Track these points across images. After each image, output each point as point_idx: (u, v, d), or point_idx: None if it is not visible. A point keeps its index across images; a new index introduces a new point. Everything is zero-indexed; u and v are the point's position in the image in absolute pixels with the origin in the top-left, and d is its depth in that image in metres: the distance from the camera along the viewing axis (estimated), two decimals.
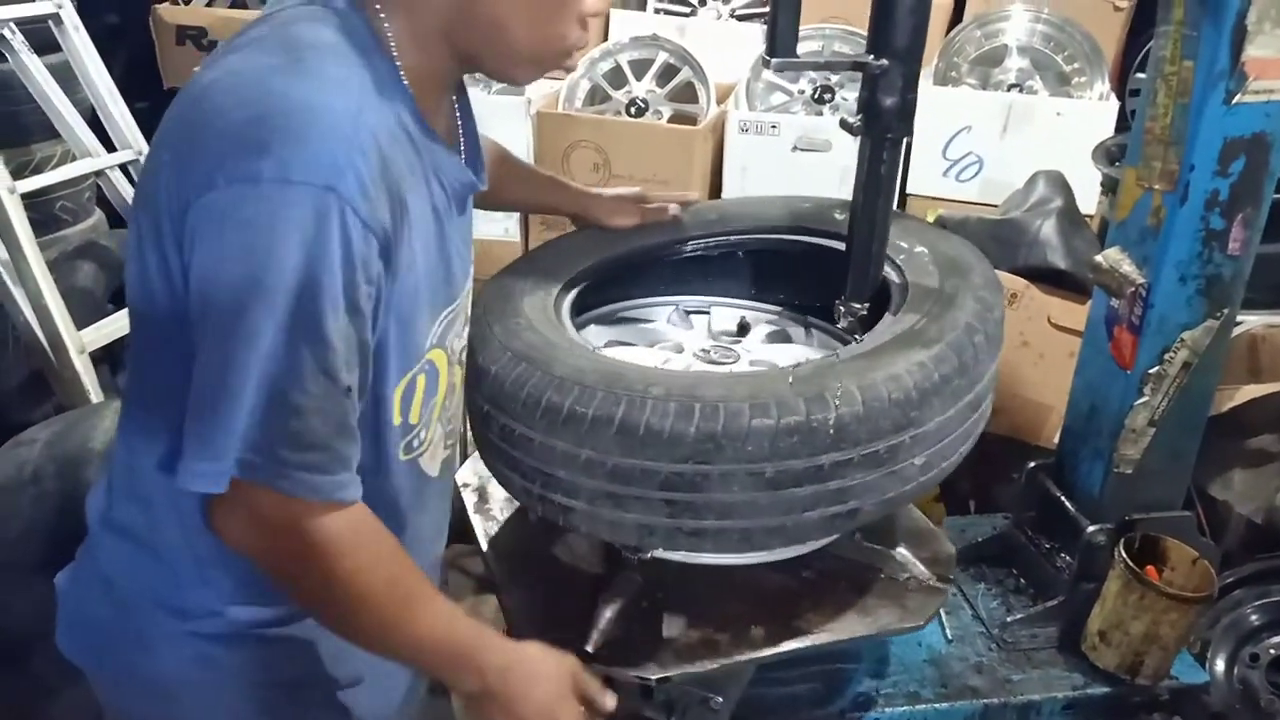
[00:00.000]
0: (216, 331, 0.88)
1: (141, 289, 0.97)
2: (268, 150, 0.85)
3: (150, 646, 1.07)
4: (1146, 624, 1.54)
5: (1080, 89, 2.88)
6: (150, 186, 0.94)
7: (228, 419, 0.87)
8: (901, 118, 1.38)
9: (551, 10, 1.01)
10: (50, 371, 2.32)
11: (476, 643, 1.05)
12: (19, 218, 2.24)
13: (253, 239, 0.85)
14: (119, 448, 1.10)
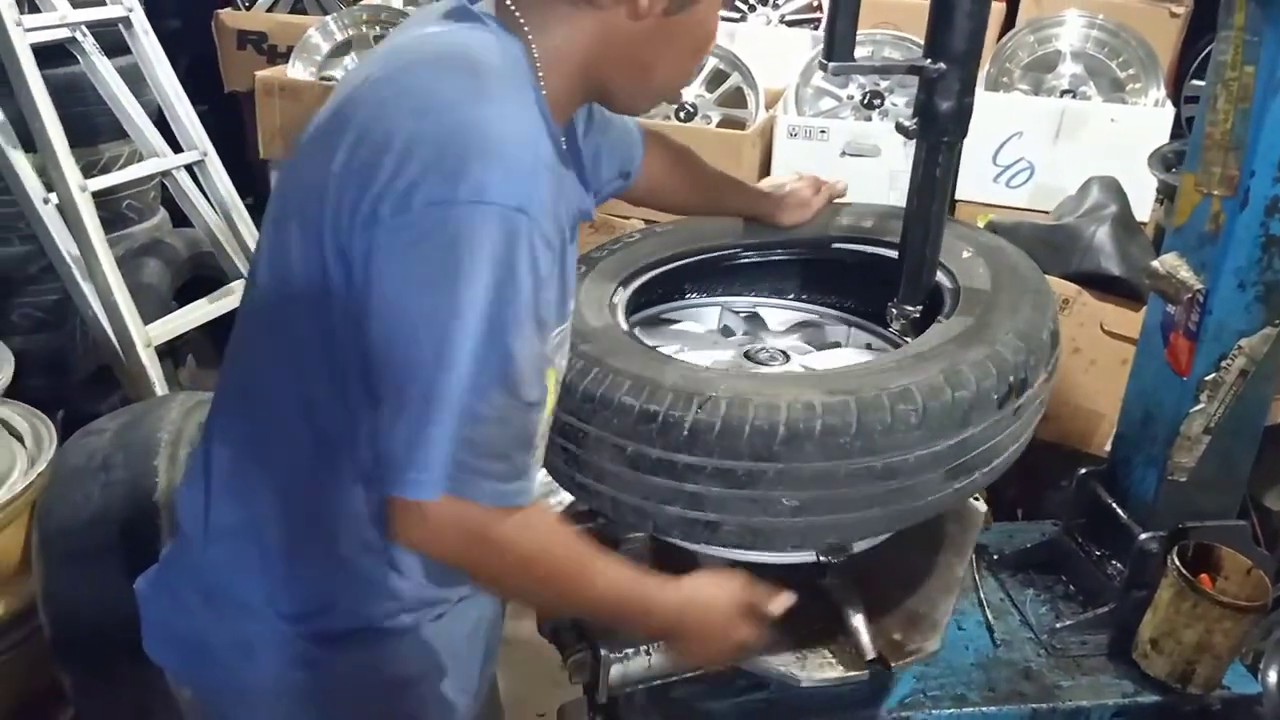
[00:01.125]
0: (413, 346, 0.90)
1: (272, 279, 1.00)
2: (465, 173, 0.88)
3: (252, 652, 1.09)
4: (1199, 633, 1.53)
5: (1135, 95, 2.85)
6: (313, 183, 0.96)
7: (436, 432, 0.89)
8: (957, 121, 1.39)
9: (691, 52, 1.08)
10: (117, 365, 2.40)
11: (646, 592, 1.09)
12: (90, 215, 2.32)
13: (449, 258, 0.88)
14: (217, 448, 1.11)
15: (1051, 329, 1.36)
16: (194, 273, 2.76)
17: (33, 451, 2.03)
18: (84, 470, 1.81)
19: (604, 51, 1.03)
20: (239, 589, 1.09)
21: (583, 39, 1.02)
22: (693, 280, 1.71)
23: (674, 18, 1.02)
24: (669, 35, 1.04)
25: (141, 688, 1.74)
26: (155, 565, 1.21)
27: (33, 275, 2.61)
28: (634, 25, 1.01)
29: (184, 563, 1.14)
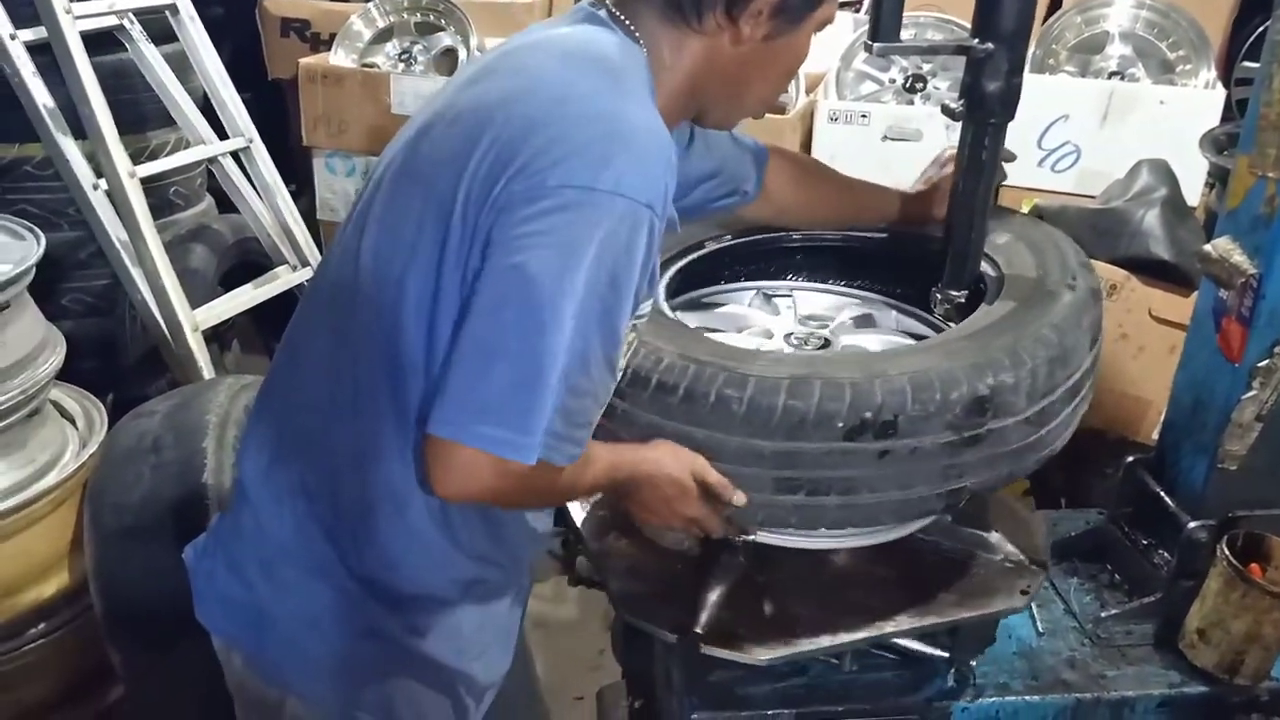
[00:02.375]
0: (522, 314, 0.94)
1: (376, 257, 1.04)
2: (608, 164, 0.94)
3: (317, 622, 1.13)
4: (1248, 623, 1.50)
5: (1185, 77, 2.79)
6: (439, 169, 1.00)
7: (544, 400, 0.95)
8: (1005, 103, 1.37)
9: (785, 75, 1.16)
10: (165, 349, 2.44)
11: (611, 462, 1.15)
12: (139, 201, 2.36)
13: (577, 238, 0.93)
14: (285, 413, 1.15)
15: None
16: (239, 259, 2.80)
17: (84, 433, 2.07)
18: (134, 451, 1.85)
19: (705, 71, 1.09)
20: (308, 553, 1.12)
21: (688, 58, 1.08)
22: (731, 264, 1.71)
23: (772, 43, 1.08)
24: (766, 59, 1.10)
25: (191, 666, 1.77)
26: (205, 535, 1.24)
27: (83, 260, 2.65)
28: (734, 49, 1.08)
29: (244, 532, 1.17)
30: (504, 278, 0.94)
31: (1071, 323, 1.32)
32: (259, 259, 2.80)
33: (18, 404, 1.86)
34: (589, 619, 2.59)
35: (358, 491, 1.09)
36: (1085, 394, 1.38)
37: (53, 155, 2.43)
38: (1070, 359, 1.30)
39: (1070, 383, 1.30)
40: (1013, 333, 1.28)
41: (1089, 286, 1.41)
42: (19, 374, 1.86)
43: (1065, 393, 1.30)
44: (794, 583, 1.43)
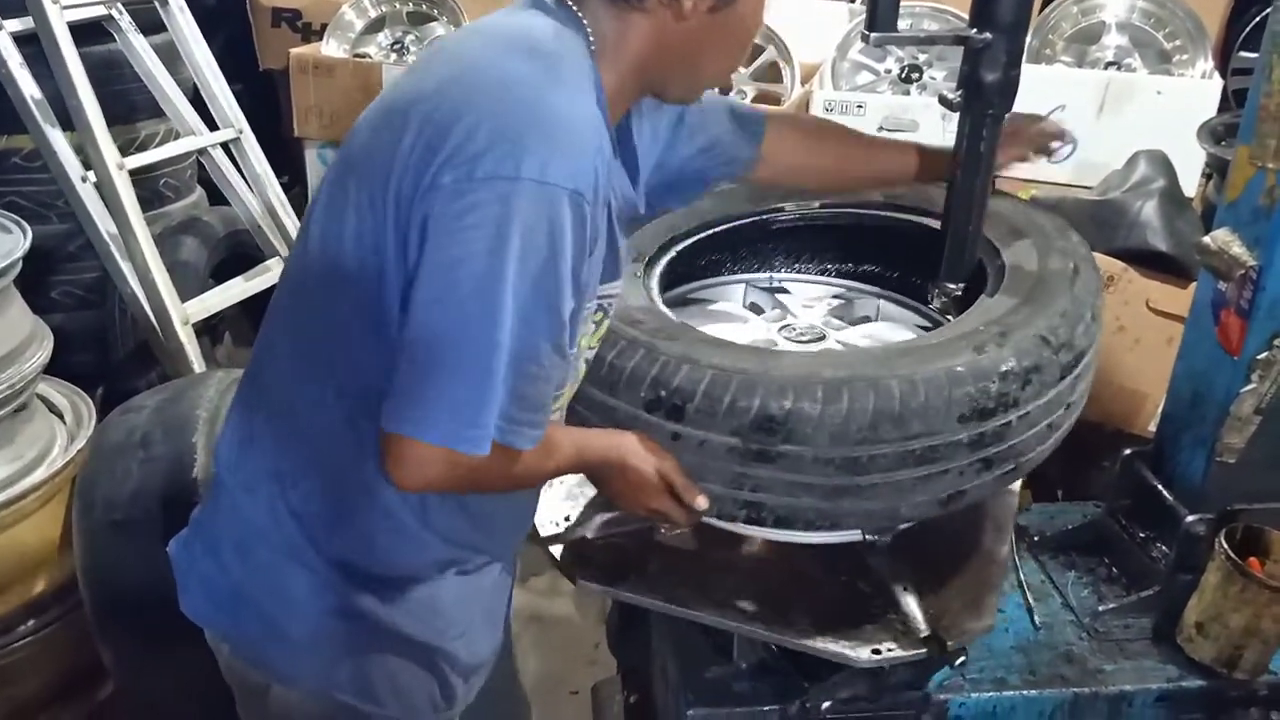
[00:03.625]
0: (462, 310, 0.95)
1: (324, 246, 1.05)
2: (533, 152, 0.94)
3: (293, 601, 1.13)
4: (1247, 617, 1.50)
5: (1182, 67, 2.79)
6: (373, 156, 1.01)
7: (492, 391, 0.96)
8: (1003, 94, 1.36)
9: (738, 46, 1.15)
10: (155, 342, 2.42)
11: (578, 447, 1.17)
12: (128, 193, 2.33)
13: (504, 229, 0.93)
14: (258, 399, 1.16)
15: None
16: (230, 251, 2.77)
17: (72, 428, 2.05)
18: (124, 446, 1.83)
19: (654, 50, 1.08)
20: (280, 535, 1.12)
21: (635, 39, 1.07)
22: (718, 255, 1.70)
23: (718, 14, 1.07)
24: (715, 31, 1.09)
25: (182, 661, 1.76)
26: (186, 528, 1.24)
27: (72, 253, 2.63)
28: (681, 25, 1.07)
29: (220, 517, 1.18)
30: (439, 273, 0.96)
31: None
32: (250, 251, 2.78)
33: (5, 399, 1.84)
34: (585, 614, 2.58)
35: (331, 479, 1.10)
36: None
37: (40, 147, 2.40)
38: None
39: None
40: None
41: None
42: (6, 368, 1.84)
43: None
44: (687, 548, 1.46)
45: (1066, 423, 1.36)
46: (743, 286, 1.71)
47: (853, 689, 1.42)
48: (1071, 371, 1.30)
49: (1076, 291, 1.36)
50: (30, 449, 1.94)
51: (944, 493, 1.25)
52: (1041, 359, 1.25)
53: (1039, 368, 1.25)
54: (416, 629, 1.16)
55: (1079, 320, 1.32)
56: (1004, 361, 1.22)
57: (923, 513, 1.29)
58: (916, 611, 1.35)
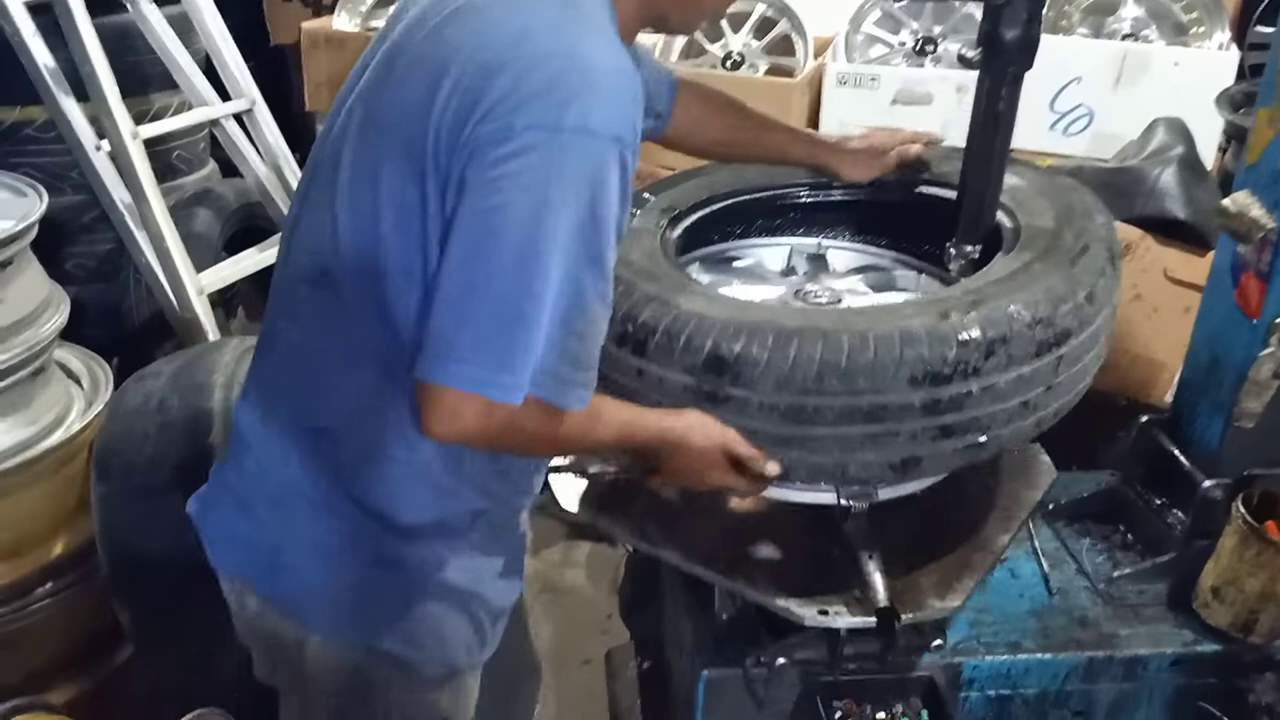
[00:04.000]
0: (500, 255, 0.95)
1: (354, 205, 1.04)
2: (571, 102, 0.94)
3: (330, 552, 1.14)
4: (1263, 581, 1.49)
5: (1198, 39, 2.76)
6: (405, 114, 1.01)
7: (528, 341, 0.96)
8: (1023, 51, 1.36)
9: None
10: (170, 313, 2.43)
11: (627, 422, 1.17)
12: (142, 163, 2.34)
13: (546, 180, 0.94)
14: (287, 355, 1.16)
15: None
16: (244, 223, 2.77)
17: (89, 393, 2.06)
18: (140, 411, 1.83)
19: None
20: (315, 489, 1.12)
21: None
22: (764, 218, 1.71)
23: None
24: None
25: (200, 624, 1.77)
26: (207, 484, 1.24)
27: (86, 225, 2.63)
28: None
29: (249, 476, 1.18)
30: (479, 221, 0.96)
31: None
32: (263, 223, 2.78)
33: (22, 362, 1.85)
34: (597, 583, 2.60)
35: (366, 436, 1.10)
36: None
37: (55, 116, 2.41)
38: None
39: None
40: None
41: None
42: (23, 331, 1.85)
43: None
44: (682, 497, 1.47)
45: (1051, 405, 1.32)
46: (788, 249, 1.71)
47: (812, 651, 1.41)
48: (1051, 350, 1.26)
49: (1075, 270, 1.31)
50: (48, 413, 1.95)
51: (897, 456, 1.25)
52: (1011, 332, 1.22)
53: (1006, 340, 1.22)
54: (452, 575, 1.18)
55: (1065, 299, 1.27)
56: (967, 329, 1.20)
57: (875, 475, 1.29)
58: (878, 581, 1.34)
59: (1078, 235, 1.39)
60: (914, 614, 1.33)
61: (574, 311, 0.98)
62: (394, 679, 1.19)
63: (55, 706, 1.64)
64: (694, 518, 1.46)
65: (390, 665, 1.18)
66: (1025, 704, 1.55)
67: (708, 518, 1.48)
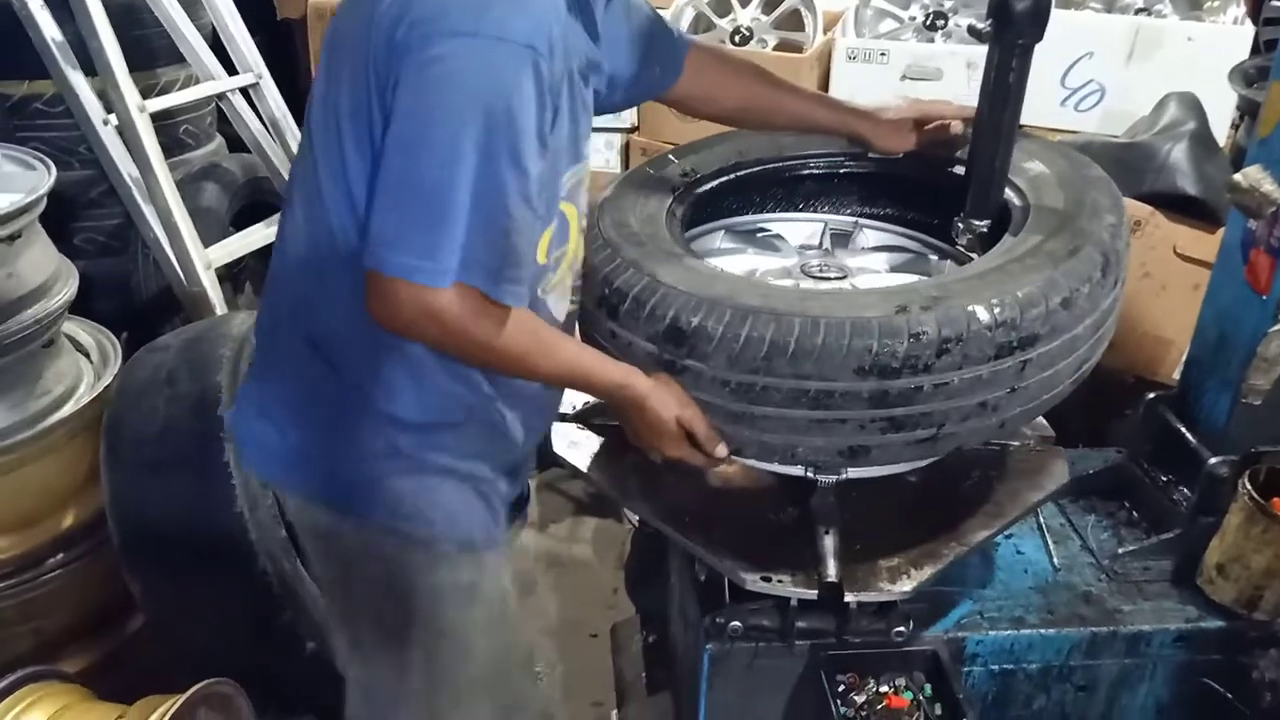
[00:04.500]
0: (426, 150, 1.04)
1: (324, 115, 1.14)
2: (489, 9, 1.03)
3: (346, 453, 1.24)
4: (1269, 558, 1.50)
5: (1212, 14, 2.73)
6: (353, 29, 1.10)
7: (449, 226, 1.04)
8: (1034, 22, 1.34)
9: None
10: (178, 287, 2.43)
11: (587, 370, 1.25)
12: (149, 137, 2.33)
13: (466, 81, 1.03)
14: (290, 283, 1.25)
15: None
16: (250, 198, 2.77)
17: (98, 366, 2.08)
18: (150, 384, 1.85)
19: None
20: (324, 392, 1.23)
21: None
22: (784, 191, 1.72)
23: None
24: None
25: (210, 594, 1.79)
26: (236, 401, 1.36)
27: (93, 199, 2.64)
28: None
29: (268, 385, 1.30)
30: (406, 121, 1.05)
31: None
32: (270, 198, 2.78)
33: (32, 334, 1.86)
34: (603, 558, 2.61)
35: (360, 337, 1.18)
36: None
37: (62, 90, 2.41)
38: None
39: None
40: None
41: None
42: (33, 304, 1.86)
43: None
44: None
45: (1013, 408, 1.29)
46: (822, 225, 1.70)
47: (763, 619, 1.42)
48: (1014, 354, 1.24)
49: (1055, 274, 1.26)
50: (58, 385, 1.97)
51: (844, 443, 1.26)
52: (969, 332, 1.20)
53: (962, 339, 1.20)
54: (454, 461, 1.27)
55: (1035, 304, 1.23)
56: (921, 325, 1.19)
57: (823, 459, 1.30)
58: (830, 556, 1.34)
59: (1074, 236, 1.34)
60: (860, 593, 1.33)
61: (496, 207, 1.05)
62: (417, 556, 1.29)
63: (68, 675, 1.66)
64: (677, 478, 1.47)
65: (411, 543, 1.28)
66: (1028, 679, 1.56)
67: (690, 480, 1.49)
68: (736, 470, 1.51)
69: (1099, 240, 1.33)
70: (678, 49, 1.49)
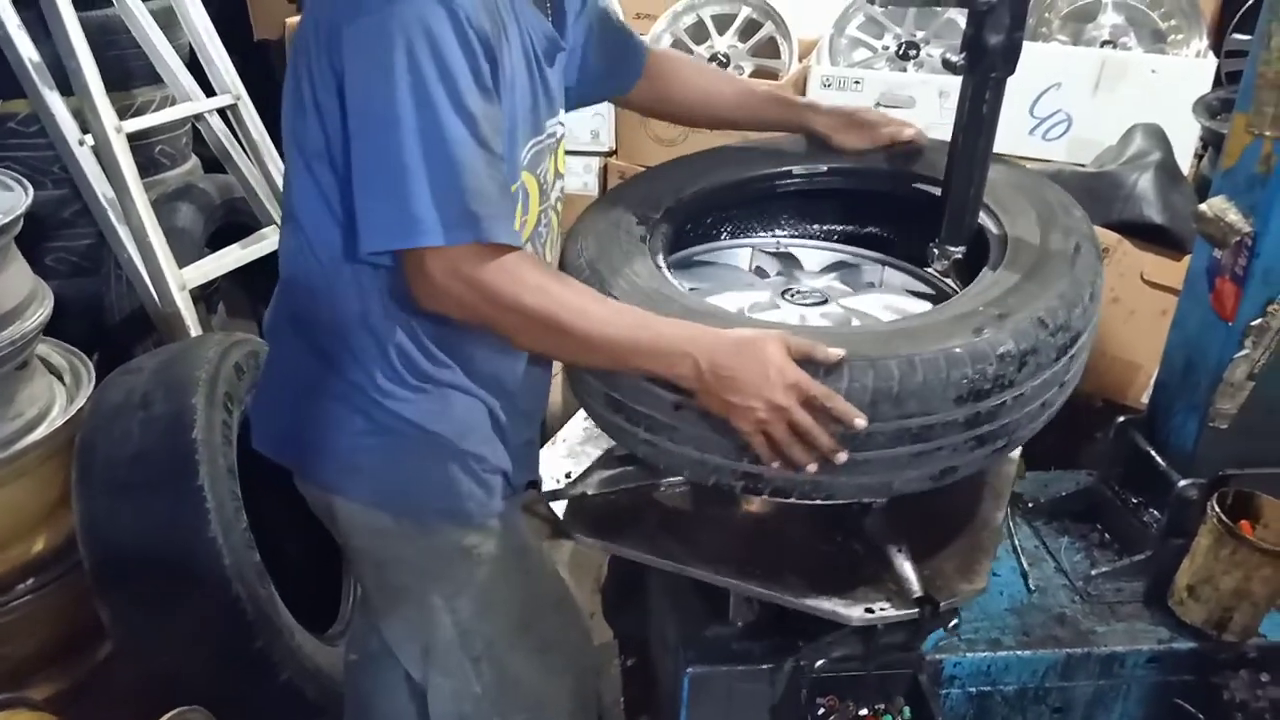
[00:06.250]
0: (373, 125, 1.09)
1: (296, 112, 1.19)
2: None
3: (330, 429, 1.28)
4: (1238, 579, 1.52)
5: (1176, 47, 2.80)
6: (304, 21, 1.16)
7: (412, 188, 1.07)
8: (1006, 57, 1.36)
9: None
10: (152, 308, 2.41)
11: (650, 321, 1.17)
12: (125, 157, 2.32)
13: (390, 46, 1.06)
14: (288, 263, 1.30)
15: None
16: (226, 218, 2.76)
17: (71, 389, 2.06)
18: (123, 407, 1.83)
19: None
20: (307, 374, 1.28)
21: None
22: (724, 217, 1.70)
23: None
24: None
25: (181, 621, 1.77)
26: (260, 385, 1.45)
27: (66, 219, 2.62)
28: None
29: (270, 368, 1.39)
30: (352, 104, 1.10)
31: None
32: (246, 219, 2.77)
33: (6, 356, 1.84)
34: (580, 582, 2.59)
35: (329, 315, 1.24)
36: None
37: (38, 110, 2.39)
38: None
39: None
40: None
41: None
42: (7, 326, 1.84)
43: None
44: (683, 507, 1.48)
45: (1059, 400, 1.33)
46: (749, 251, 1.71)
47: (846, 649, 1.43)
48: (1066, 352, 1.28)
49: (1075, 272, 1.32)
50: (30, 408, 1.95)
51: (937, 469, 1.25)
52: (1038, 341, 1.23)
53: (1035, 350, 1.22)
54: (441, 435, 1.29)
55: (1076, 303, 1.30)
56: (1001, 344, 1.20)
57: (915, 488, 1.28)
58: (910, 573, 1.36)
59: (1066, 232, 1.41)
60: (948, 599, 1.34)
61: (452, 157, 1.07)
62: (409, 528, 1.33)
63: (36, 703, 1.63)
64: (707, 525, 1.46)
65: (406, 515, 1.32)
66: (1005, 700, 1.58)
67: (717, 524, 1.47)
68: (759, 507, 1.50)
69: (1083, 232, 1.41)
70: (639, 52, 1.55)
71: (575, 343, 1.16)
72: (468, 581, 1.37)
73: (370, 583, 1.43)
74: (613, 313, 1.17)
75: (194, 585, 1.73)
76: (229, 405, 1.90)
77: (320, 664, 1.89)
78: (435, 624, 1.38)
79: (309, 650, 1.88)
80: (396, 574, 1.38)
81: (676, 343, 1.13)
